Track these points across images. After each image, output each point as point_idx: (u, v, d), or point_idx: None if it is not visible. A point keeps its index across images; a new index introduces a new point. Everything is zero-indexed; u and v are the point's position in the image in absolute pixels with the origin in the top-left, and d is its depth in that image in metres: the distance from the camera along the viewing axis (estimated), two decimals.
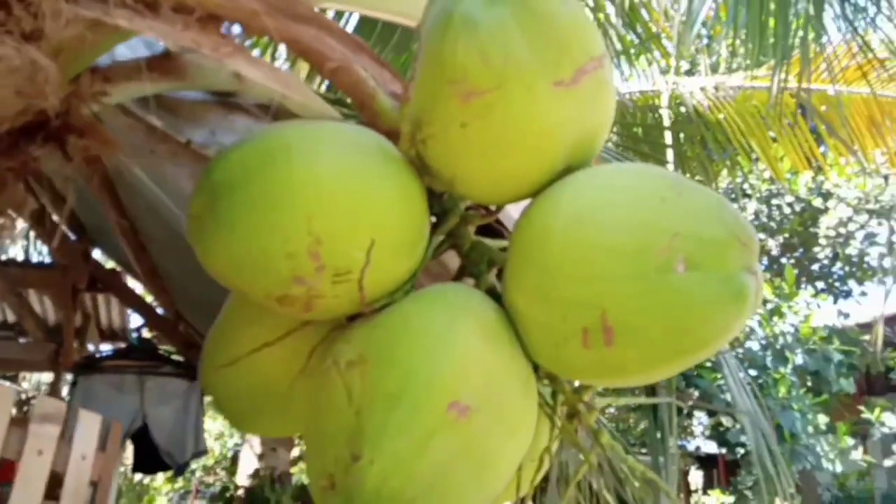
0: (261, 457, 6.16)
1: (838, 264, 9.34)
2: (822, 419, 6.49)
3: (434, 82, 0.77)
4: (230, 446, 14.52)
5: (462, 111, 0.75)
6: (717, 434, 6.53)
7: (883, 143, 5.05)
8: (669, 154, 5.01)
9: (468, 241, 0.96)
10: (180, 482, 13.77)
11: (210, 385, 0.95)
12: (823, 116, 4.85)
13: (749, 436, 2.23)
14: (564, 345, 0.75)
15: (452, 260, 1.15)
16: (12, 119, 0.73)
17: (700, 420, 7.89)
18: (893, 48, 3.71)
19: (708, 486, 10.98)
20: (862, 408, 6.82)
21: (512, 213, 1.18)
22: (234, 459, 12.04)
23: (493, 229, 1.12)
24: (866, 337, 8.04)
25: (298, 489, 7.33)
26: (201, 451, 5.33)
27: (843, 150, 5.22)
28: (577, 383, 0.95)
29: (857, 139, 5.09)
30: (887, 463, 6.51)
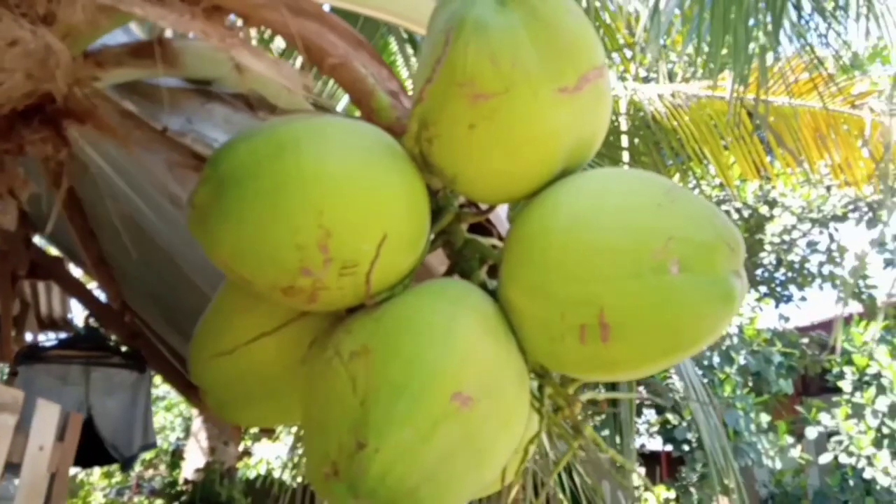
0: (212, 451, 6.07)
1: (781, 270, 9.71)
2: (765, 418, 6.76)
3: (443, 84, 0.79)
4: (172, 440, 14.23)
5: (470, 112, 0.78)
6: (664, 431, 6.74)
7: (828, 155, 5.28)
8: (625, 156, 5.13)
9: (461, 238, 0.99)
10: (118, 477, 13.40)
11: (201, 374, 0.95)
12: (773, 127, 5.04)
13: (703, 431, 2.32)
14: (561, 340, 0.78)
15: (433, 258, 1.17)
16: (16, 102, 0.72)
17: (646, 418, 8.10)
18: (842, 64, 3.89)
19: (650, 482, 11.26)
20: (799, 408, 7.12)
21: (500, 211, 1.21)
22: (175, 454, 11.81)
23: (481, 227, 1.15)
24: (805, 340, 8.40)
25: (245, 484, 7.25)
26: (150, 444, 5.21)
27: (790, 161, 5.43)
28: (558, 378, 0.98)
29: (804, 150, 5.31)
30: (822, 460, 6.82)
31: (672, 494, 8.60)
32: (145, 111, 1.59)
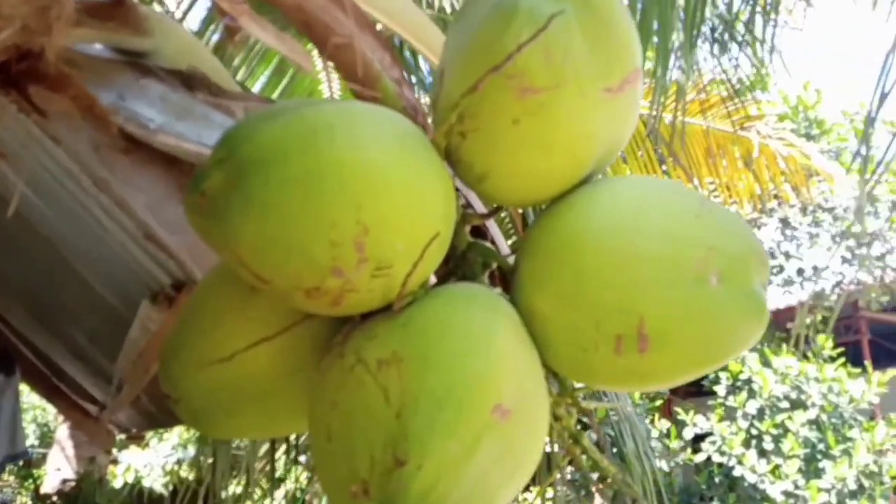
0: (91, 459, 5.61)
1: None
2: (664, 424, 7.16)
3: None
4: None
5: (516, 107, 0.73)
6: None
7: (716, 174, 5.64)
8: None
9: (465, 240, 0.93)
10: None
11: (179, 381, 0.84)
12: (670, 143, 5.31)
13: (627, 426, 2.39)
14: (594, 350, 0.75)
15: None
16: None
17: None
18: (734, 88, 4.16)
19: (531, 483, 11.54)
20: (679, 409, 7.57)
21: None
22: (28, 464, 10.86)
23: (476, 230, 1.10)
24: None
25: (118, 492, 6.76)
26: (19, 454, 4.74)
27: (683, 176, 5.74)
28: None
29: (695, 167, 5.64)
30: (697, 459, 7.30)
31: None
32: None
